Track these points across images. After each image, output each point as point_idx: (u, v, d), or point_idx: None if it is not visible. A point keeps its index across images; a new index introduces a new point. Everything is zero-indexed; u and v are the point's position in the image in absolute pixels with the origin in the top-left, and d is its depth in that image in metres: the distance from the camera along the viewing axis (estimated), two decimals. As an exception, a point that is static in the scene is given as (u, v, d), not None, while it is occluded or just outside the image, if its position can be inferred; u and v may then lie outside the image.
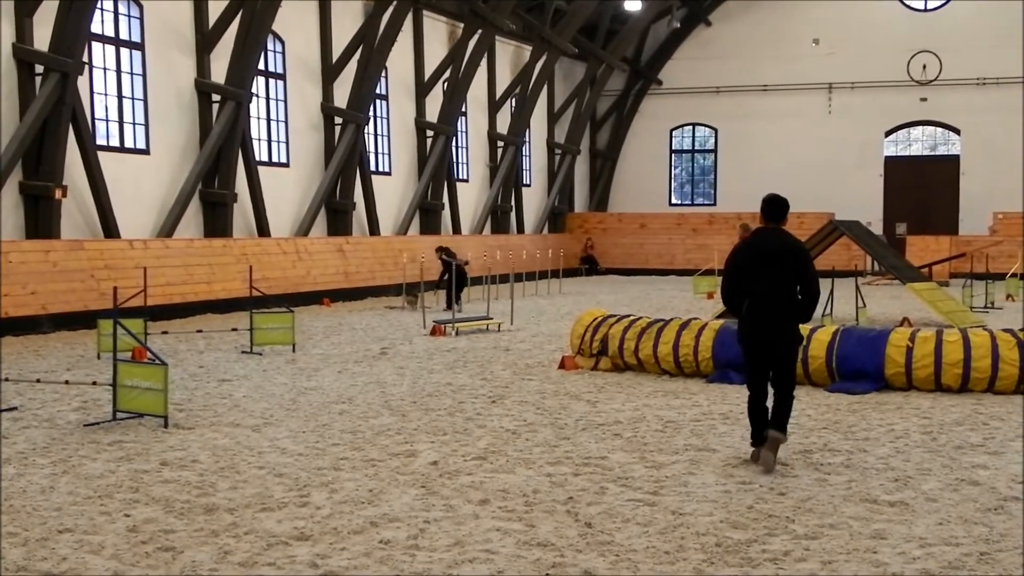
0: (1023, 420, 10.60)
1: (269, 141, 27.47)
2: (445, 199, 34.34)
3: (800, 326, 8.77)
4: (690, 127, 45.74)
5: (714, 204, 44.87)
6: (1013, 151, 39.88)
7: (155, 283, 20.66)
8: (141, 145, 23.36)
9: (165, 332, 18.89)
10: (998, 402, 11.65)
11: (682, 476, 8.25)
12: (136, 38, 23.23)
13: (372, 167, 31.03)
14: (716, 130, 44.92)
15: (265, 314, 16.86)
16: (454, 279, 23.02)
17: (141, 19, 23.26)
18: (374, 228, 30.48)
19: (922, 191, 41.79)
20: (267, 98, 27.36)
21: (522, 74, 37.70)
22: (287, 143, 27.89)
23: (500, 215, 38.12)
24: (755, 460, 8.70)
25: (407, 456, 9.01)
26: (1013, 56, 39.63)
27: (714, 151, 45.35)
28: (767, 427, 8.64)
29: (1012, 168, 39.89)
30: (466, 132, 36.60)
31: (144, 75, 23.32)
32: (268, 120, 27.43)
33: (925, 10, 41.40)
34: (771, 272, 8.55)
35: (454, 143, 34.93)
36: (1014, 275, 28.93)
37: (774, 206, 8.77)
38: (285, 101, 27.78)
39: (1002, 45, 39.77)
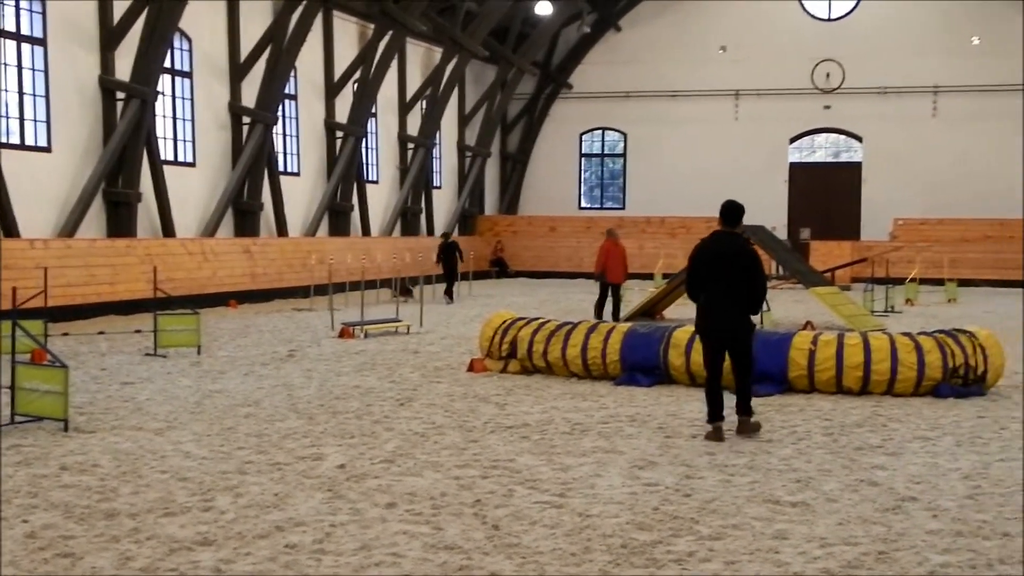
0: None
1: (175, 140, 27.04)
2: (355, 200, 34.14)
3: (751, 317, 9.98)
4: (599, 131, 46.07)
5: (623, 208, 45.23)
6: (913, 159, 40.89)
7: (56, 283, 20.22)
8: (43, 142, 22.83)
9: (66, 334, 18.50)
10: (897, 404, 11.91)
11: (589, 478, 8.29)
12: (38, 33, 22.70)
13: (280, 167, 30.73)
14: (625, 135, 45.31)
15: (170, 315, 16.60)
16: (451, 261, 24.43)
17: (43, 14, 22.74)
18: (282, 229, 30.19)
19: (825, 197, 42.62)
20: (173, 96, 26.94)
21: (433, 76, 37.64)
22: (193, 142, 27.49)
23: (410, 217, 38.02)
24: (712, 437, 9.75)
25: (314, 459, 8.93)
26: (914, 66, 40.60)
27: (623, 155, 45.72)
28: (722, 407, 9.94)
29: (912, 175, 40.92)
30: (376, 133, 36.43)
31: (46, 71, 22.80)
32: (174, 119, 27.00)
33: (829, 19, 42.24)
34: (725, 271, 9.76)
35: (364, 144, 34.74)
36: (913, 280, 29.63)
37: (730, 211, 10.02)
38: (192, 100, 27.39)
39: (904, 55, 40.76)
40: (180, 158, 27.15)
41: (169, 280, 23.17)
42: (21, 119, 22.43)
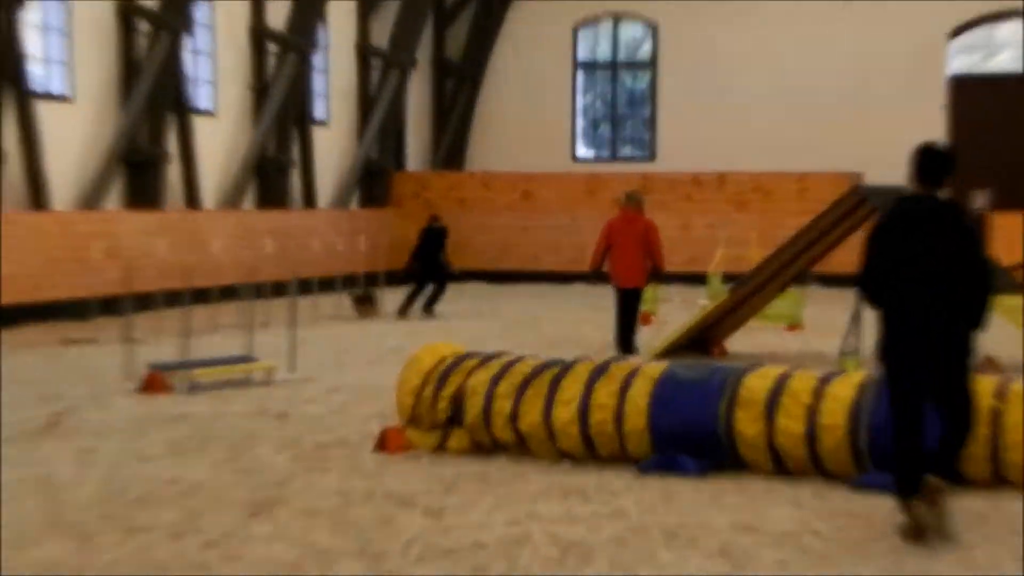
0: None
1: None
2: (172, 145, 33.96)
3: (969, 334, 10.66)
4: (609, 23, 46.19)
5: (651, 158, 45.40)
6: None
7: None
8: None
9: None
10: None
11: (595, 645, 8.22)
12: None
13: (37, 88, 30.52)
14: (655, 28, 45.43)
15: None
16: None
17: None
18: (42, 198, 30.01)
19: (1017, 134, 42.73)
20: None
21: (312, -76, 37.62)
22: None
23: (272, 175, 37.89)
24: (911, 533, 10.39)
25: (93, 615, 8.81)
26: None
27: (651, 67, 45.84)
28: (922, 474, 10.47)
29: None
30: (212, 27, 36.29)
31: None
32: None
33: None
34: (928, 258, 10.47)
35: (188, 46, 34.58)
36: None
37: (933, 161, 10.74)
38: None
39: None
40: None
41: None
42: None
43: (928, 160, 10.63)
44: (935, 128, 42.97)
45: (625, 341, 22.75)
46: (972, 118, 43.17)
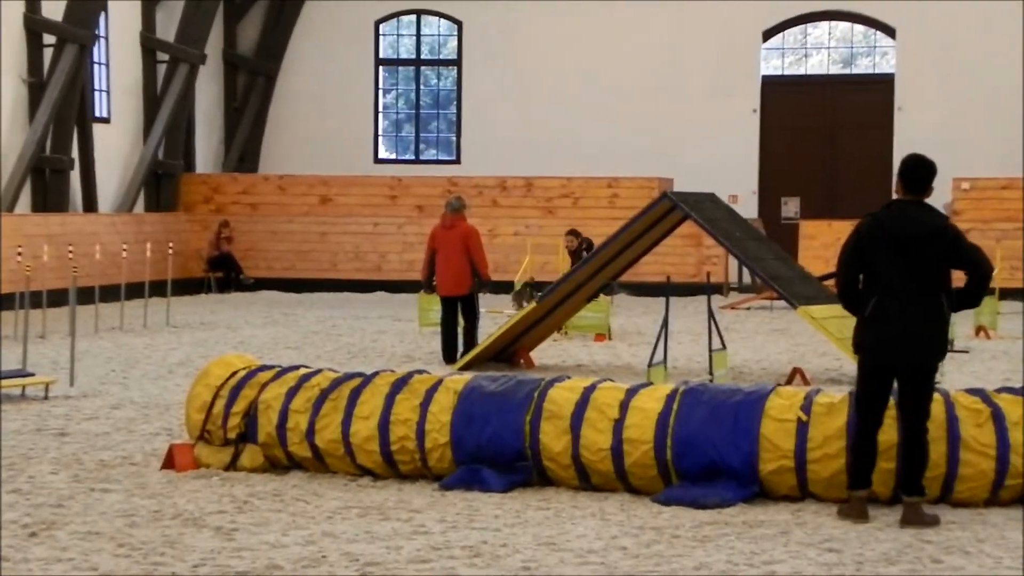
0: None
1: None
2: (-59, 145, 33.60)
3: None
4: (412, 18, 46.14)
5: (457, 161, 45.36)
6: (988, 72, 41.34)
7: None
8: None
9: None
10: (960, 520, 12.00)
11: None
12: None
13: None
14: (459, 24, 45.45)
15: None
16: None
17: None
18: None
19: (829, 141, 43.24)
20: None
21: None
22: None
23: (49, 176, 37.48)
24: (852, 513, 11.87)
25: None
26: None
27: (457, 64, 45.87)
28: (872, 468, 12.02)
29: (987, 101, 41.26)
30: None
31: None
32: None
33: None
34: (910, 261, 11.54)
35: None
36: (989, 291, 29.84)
37: (918, 170, 11.84)
38: None
39: None
40: None
41: None
42: None
43: (914, 170, 11.72)
44: (748, 132, 43.47)
45: (449, 351, 23.04)
46: (785, 122, 43.53)
